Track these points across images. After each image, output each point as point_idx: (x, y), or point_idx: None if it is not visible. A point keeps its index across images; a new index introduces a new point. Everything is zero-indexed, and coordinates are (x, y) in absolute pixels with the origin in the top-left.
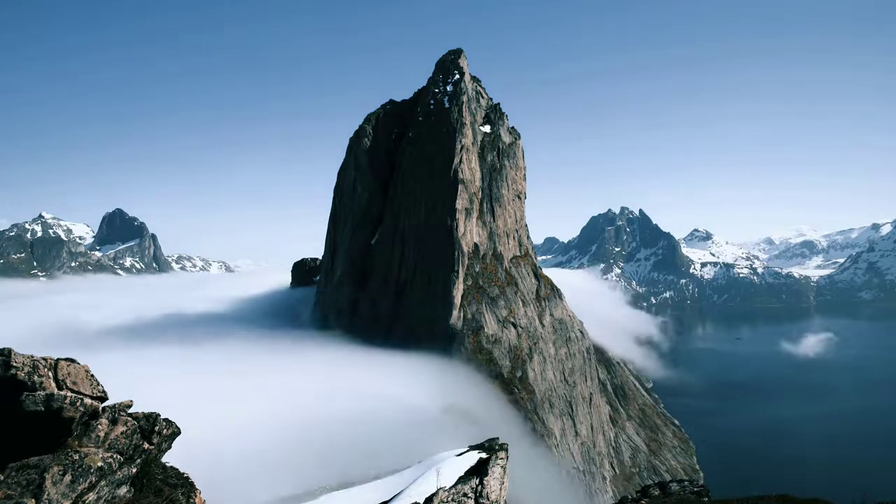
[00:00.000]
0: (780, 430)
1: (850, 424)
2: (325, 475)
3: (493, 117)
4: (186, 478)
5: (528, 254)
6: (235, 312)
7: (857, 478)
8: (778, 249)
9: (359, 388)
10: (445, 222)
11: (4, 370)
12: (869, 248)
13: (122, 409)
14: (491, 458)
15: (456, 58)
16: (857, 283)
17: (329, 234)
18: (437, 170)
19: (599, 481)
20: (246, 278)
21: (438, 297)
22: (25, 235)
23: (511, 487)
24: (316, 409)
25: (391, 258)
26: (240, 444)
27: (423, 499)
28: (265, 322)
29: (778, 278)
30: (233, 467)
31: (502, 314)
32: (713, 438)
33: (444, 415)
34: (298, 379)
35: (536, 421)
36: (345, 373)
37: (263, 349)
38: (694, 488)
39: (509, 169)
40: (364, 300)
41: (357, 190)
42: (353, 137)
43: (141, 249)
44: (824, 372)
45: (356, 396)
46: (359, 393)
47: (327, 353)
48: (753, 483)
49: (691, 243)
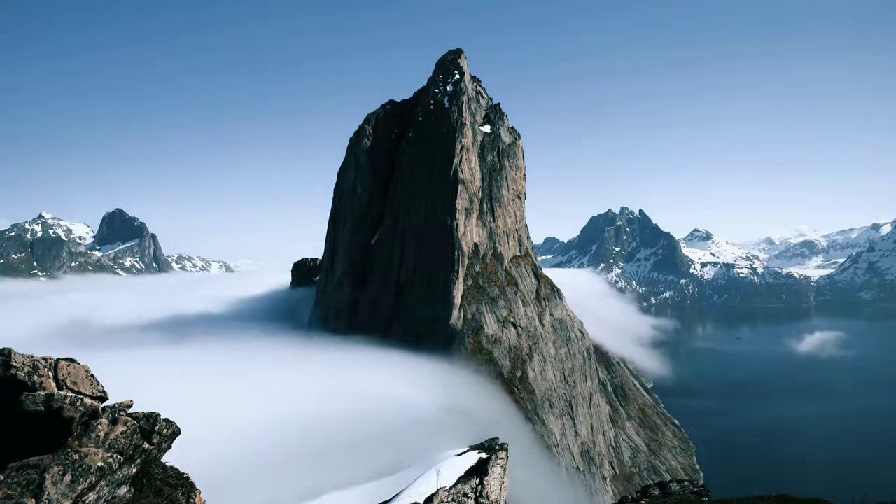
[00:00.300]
0: (780, 430)
1: (850, 424)
2: (326, 475)
3: (493, 117)
4: (186, 478)
5: (528, 254)
6: (235, 313)
7: (857, 478)
8: (778, 249)
9: (359, 388)
10: (445, 222)
11: (4, 370)
12: (869, 248)
13: (122, 409)
14: (491, 458)
15: (456, 58)
16: (857, 283)
17: (329, 234)
18: (437, 170)
19: (599, 481)
20: (246, 278)
21: (438, 297)
22: (25, 235)
23: (511, 487)
24: (316, 409)
25: (391, 258)
26: (240, 444)
27: (423, 499)
28: (265, 322)
29: (778, 278)
30: (233, 467)
31: (502, 314)
32: (713, 438)
33: (444, 415)
34: (298, 379)
35: (536, 421)
36: (345, 373)
37: (263, 349)
38: (694, 488)
39: (509, 169)
40: (364, 300)
41: (357, 190)
42: (353, 137)
43: (141, 249)
44: (824, 372)
45: (356, 396)
46: (359, 393)
47: (327, 353)
48: (753, 483)
49: (691, 243)
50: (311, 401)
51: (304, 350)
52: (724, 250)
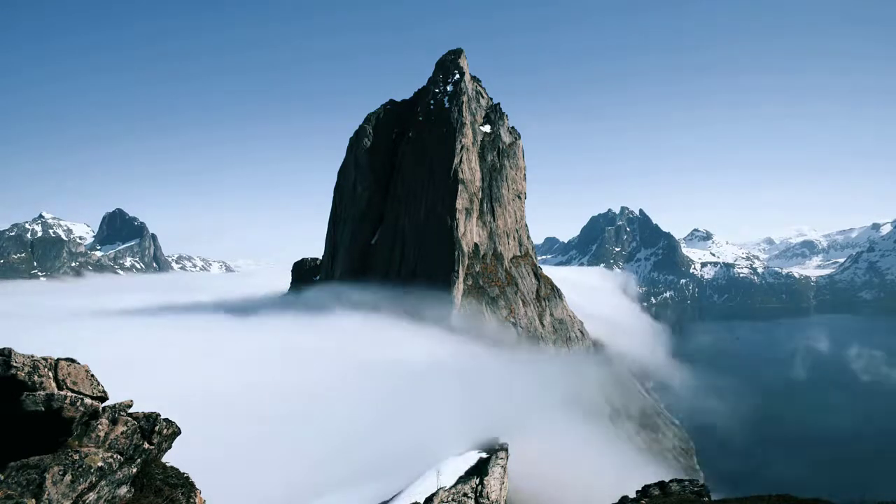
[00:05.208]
0: (780, 429)
1: (849, 424)
2: (327, 475)
3: (493, 117)
4: (186, 478)
5: (528, 254)
6: (235, 313)
7: (857, 478)
8: (778, 249)
9: (358, 389)
10: (445, 222)
11: (5, 370)
12: (869, 248)
13: (123, 409)
14: (491, 458)
15: (456, 58)
16: (858, 282)
17: (329, 234)
18: (437, 170)
19: None
20: (246, 278)
21: (438, 296)
22: (25, 235)
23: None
24: (316, 408)
25: (391, 258)
26: (240, 443)
27: (423, 499)
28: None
29: (778, 278)
30: (233, 467)
31: (502, 314)
32: (713, 438)
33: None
34: (298, 379)
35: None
36: (345, 374)
37: (263, 348)
38: (694, 488)
39: (509, 169)
40: None
41: (357, 190)
42: (354, 137)
43: (141, 249)
44: (824, 371)
45: (356, 397)
46: (358, 394)
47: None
48: (753, 483)
49: (691, 243)
50: (311, 401)
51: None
52: (725, 250)
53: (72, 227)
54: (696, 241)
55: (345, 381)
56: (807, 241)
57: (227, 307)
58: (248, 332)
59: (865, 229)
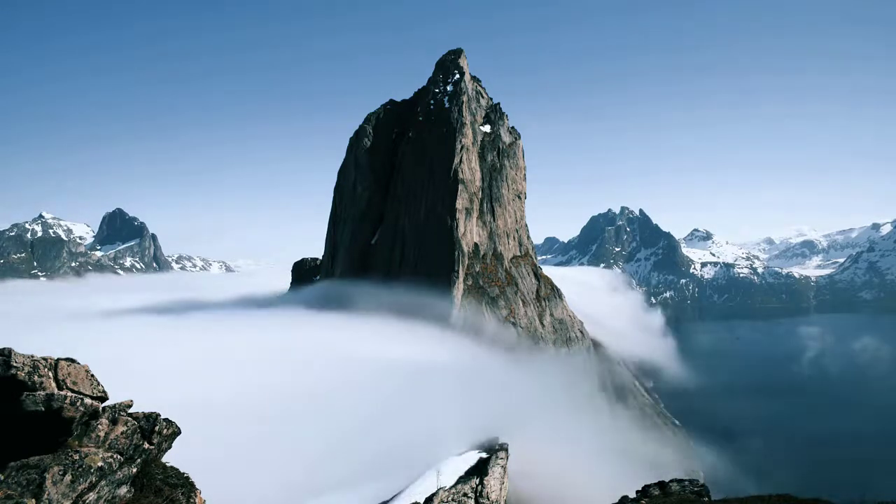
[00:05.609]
0: (780, 429)
1: (850, 424)
2: (326, 475)
3: (494, 117)
4: (186, 478)
5: (528, 254)
6: (235, 313)
7: (857, 478)
8: (778, 249)
9: (359, 388)
10: (445, 222)
11: (4, 370)
12: (869, 248)
13: (123, 409)
14: (491, 458)
15: (456, 58)
16: (858, 282)
17: (329, 234)
18: (437, 170)
19: None
20: (246, 278)
21: (438, 296)
22: (25, 235)
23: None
24: (316, 408)
25: (391, 258)
26: (240, 443)
27: (423, 499)
28: (265, 322)
29: (778, 278)
30: (233, 467)
31: (502, 314)
32: (713, 438)
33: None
34: (298, 378)
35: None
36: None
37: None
38: (694, 488)
39: (509, 169)
40: None
41: (357, 190)
42: (354, 137)
43: (141, 249)
44: (824, 371)
45: (356, 396)
46: (359, 392)
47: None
48: (753, 483)
49: (691, 243)
50: (311, 401)
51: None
52: (724, 250)
53: (72, 227)
54: (696, 241)
55: (344, 381)
56: (807, 241)
57: (227, 307)
58: (248, 332)
59: (865, 229)
